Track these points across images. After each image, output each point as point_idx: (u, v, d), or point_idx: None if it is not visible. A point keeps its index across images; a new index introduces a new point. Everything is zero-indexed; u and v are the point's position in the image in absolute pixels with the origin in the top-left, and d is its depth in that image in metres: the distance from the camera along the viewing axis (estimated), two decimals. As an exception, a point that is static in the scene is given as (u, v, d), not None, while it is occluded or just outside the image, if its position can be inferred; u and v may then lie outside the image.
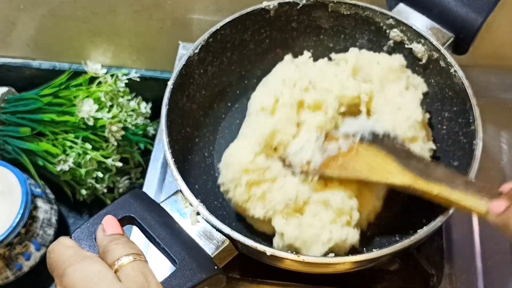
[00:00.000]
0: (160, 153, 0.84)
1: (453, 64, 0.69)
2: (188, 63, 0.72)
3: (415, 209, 0.68)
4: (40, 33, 1.04)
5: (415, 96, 0.71)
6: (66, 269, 0.46)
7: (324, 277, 0.69)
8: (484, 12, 0.71)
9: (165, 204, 0.60)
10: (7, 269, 0.90)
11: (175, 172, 0.63)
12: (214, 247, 0.58)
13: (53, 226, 0.95)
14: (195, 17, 0.96)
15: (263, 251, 0.56)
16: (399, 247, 0.57)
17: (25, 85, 1.04)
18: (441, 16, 0.73)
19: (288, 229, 0.62)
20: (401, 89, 0.71)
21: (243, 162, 0.65)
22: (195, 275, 0.52)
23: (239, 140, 0.70)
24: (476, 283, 0.72)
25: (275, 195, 0.64)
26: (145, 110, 1.04)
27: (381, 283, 0.70)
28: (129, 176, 1.04)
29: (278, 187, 0.64)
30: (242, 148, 0.67)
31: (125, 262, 0.47)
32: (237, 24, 0.75)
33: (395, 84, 0.72)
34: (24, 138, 0.94)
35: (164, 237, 0.55)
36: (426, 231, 0.58)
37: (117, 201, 0.57)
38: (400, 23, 0.73)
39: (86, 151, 0.93)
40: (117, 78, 1.00)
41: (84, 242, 0.53)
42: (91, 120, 0.92)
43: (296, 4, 0.76)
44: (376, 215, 0.68)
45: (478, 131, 0.64)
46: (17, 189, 0.90)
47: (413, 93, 0.71)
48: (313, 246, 0.61)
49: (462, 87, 0.68)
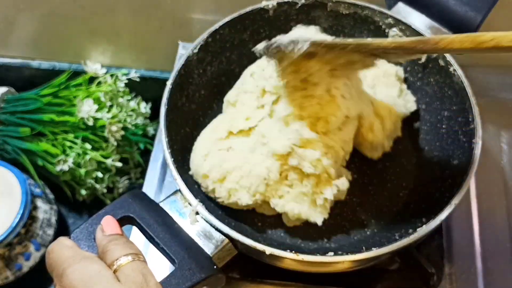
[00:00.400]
0: (160, 153, 0.84)
1: (452, 63, 0.69)
2: (187, 63, 0.72)
3: (415, 208, 0.69)
4: (40, 33, 1.04)
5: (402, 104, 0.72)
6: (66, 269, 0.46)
7: (324, 276, 0.69)
8: (483, 11, 0.71)
9: (164, 204, 0.60)
10: (7, 269, 0.90)
11: (174, 171, 0.63)
12: (213, 247, 0.58)
13: (53, 226, 0.95)
14: (194, 17, 0.96)
15: (262, 250, 0.57)
16: (399, 246, 0.57)
17: (25, 85, 1.04)
18: (440, 15, 0.73)
19: (288, 208, 0.65)
20: (392, 94, 0.71)
21: (202, 150, 0.68)
22: (194, 274, 0.52)
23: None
24: (476, 283, 0.72)
25: (251, 179, 0.65)
26: (144, 110, 1.03)
27: (381, 282, 0.70)
28: (129, 176, 1.04)
29: (249, 170, 0.65)
30: (199, 142, 0.70)
31: (124, 262, 0.47)
32: (236, 23, 0.75)
33: (387, 88, 0.72)
34: (24, 138, 0.94)
35: (163, 236, 0.55)
36: (426, 230, 0.58)
37: (116, 201, 0.57)
38: (399, 22, 0.73)
39: (85, 151, 0.93)
40: (116, 78, 1.00)
41: (83, 242, 0.53)
42: (90, 120, 0.92)
43: (295, 4, 0.76)
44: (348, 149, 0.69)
45: (477, 130, 0.64)
46: (16, 189, 0.90)
47: (401, 100, 0.72)
48: (315, 211, 0.65)
49: (461, 86, 0.68)
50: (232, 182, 0.65)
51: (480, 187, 0.79)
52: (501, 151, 0.84)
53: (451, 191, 0.63)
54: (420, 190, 0.71)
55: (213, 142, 0.68)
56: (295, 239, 0.68)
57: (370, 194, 0.71)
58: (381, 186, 0.72)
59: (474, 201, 0.78)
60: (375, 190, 0.71)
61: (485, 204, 0.78)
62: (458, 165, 0.67)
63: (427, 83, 0.74)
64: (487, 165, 0.81)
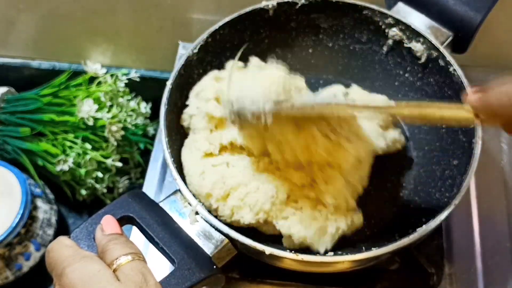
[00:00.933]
0: (160, 153, 0.84)
1: (452, 63, 0.69)
2: (187, 63, 0.72)
3: (415, 208, 0.69)
4: (40, 33, 1.05)
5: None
6: (65, 268, 0.46)
7: (324, 276, 0.69)
8: (483, 11, 0.71)
9: (164, 204, 0.60)
10: (7, 269, 0.90)
11: (174, 171, 0.63)
12: (213, 247, 0.58)
13: (53, 226, 0.95)
14: (194, 17, 0.96)
15: (262, 250, 0.56)
16: (399, 246, 0.57)
17: (25, 85, 1.04)
18: (440, 15, 0.73)
19: (294, 230, 0.62)
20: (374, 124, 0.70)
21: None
22: (194, 274, 0.52)
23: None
24: (476, 283, 0.72)
25: (258, 196, 0.62)
26: (145, 110, 1.03)
27: (381, 282, 0.70)
28: (129, 176, 1.04)
29: (256, 187, 0.63)
30: (187, 163, 0.67)
31: (123, 262, 0.47)
32: (236, 24, 0.75)
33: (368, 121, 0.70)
34: (24, 138, 0.94)
35: (163, 236, 0.55)
36: (426, 230, 0.58)
37: (116, 201, 0.57)
38: (399, 22, 0.73)
39: (86, 151, 0.93)
40: (117, 78, 1.00)
41: (83, 241, 0.53)
42: (90, 120, 0.92)
43: (295, 4, 0.76)
44: (365, 184, 0.68)
45: (477, 130, 0.64)
46: (16, 189, 0.90)
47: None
48: (323, 238, 0.62)
49: (461, 86, 0.68)
50: (236, 199, 0.62)
51: (480, 187, 0.79)
52: (501, 151, 0.84)
53: (451, 191, 0.63)
54: (420, 190, 0.71)
55: (202, 160, 0.66)
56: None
57: (370, 194, 0.71)
58: (381, 186, 0.72)
59: (474, 201, 0.78)
60: (375, 190, 0.71)
61: (485, 204, 0.78)
62: (458, 165, 0.67)
63: (427, 83, 0.74)
64: (487, 165, 0.81)
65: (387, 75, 0.78)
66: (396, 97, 0.78)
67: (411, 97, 0.77)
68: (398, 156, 0.74)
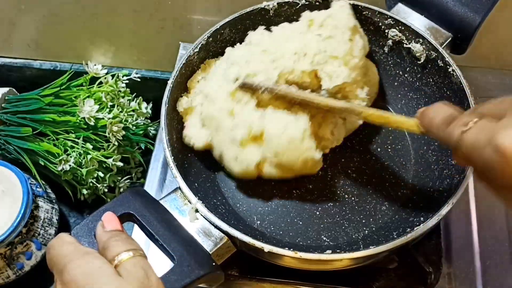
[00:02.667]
0: (161, 153, 0.85)
1: (451, 63, 0.69)
2: (188, 62, 0.72)
3: (413, 206, 0.69)
4: (41, 34, 1.05)
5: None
6: (66, 265, 0.46)
7: (322, 274, 0.69)
8: (482, 12, 0.71)
9: (164, 201, 0.61)
10: (8, 269, 0.91)
11: (174, 169, 0.63)
12: (212, 244, 0.58)
13: (54, 226, 0.96)
14: (195, 17, 0.96)
15: (261, 248, 0.57)
16: (396, 244, 0.57)
17: (26, 85, 1.05)
18: (439, 15, 0.73)
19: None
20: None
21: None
22: (193, 271, 0.52)
23: None
24: (474, 282, 0.72)
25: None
26: (145, 110, 1.04)
27: (379, 281, 0.70)
28: (130, 176, 1.05)
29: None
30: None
31: (125, 258, 0.47)
32: (237, 23, 0.76)
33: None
34: (25, 138, 0.94)
35: (163, 233, 0.55)
36: (423, 228, 0.58)
37: (116, 198, 0.57)
38: (398, 23, 0.74)
39: (87, 151, 0.94)
40: (117, 78, 1.00)
41: (84, 238, 0.53)
42: (92, 120, 0.93)
43: (296, 4, 0.76)
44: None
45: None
46: (18, 189, 0.90)
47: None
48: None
49: (460, 86, 0.68)
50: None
51: (478, 186, 0.79)
52: (500, 151, 0.84)
53: (449, 190, 0.64)
54: (418, 189, 0.71)
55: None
56: (294, 237, 0.69)
57: (369, 193, 0.71)
58: (379, 185, 0.72)
59: (473, 200, 0.78)
60: (373, 189, 0.72)
61: (484, 204, 0.78)
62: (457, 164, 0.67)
63: (426, 83, 0.74)
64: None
65: (386, 75, 0.79)
66: (396, 97, 0.79)
67: (410, 97, 0.77)
68: (397, 155, 0.74)
